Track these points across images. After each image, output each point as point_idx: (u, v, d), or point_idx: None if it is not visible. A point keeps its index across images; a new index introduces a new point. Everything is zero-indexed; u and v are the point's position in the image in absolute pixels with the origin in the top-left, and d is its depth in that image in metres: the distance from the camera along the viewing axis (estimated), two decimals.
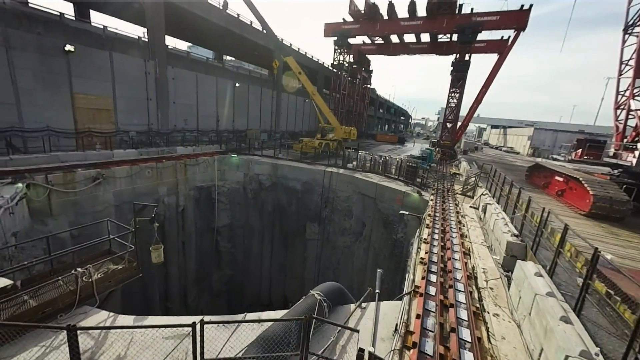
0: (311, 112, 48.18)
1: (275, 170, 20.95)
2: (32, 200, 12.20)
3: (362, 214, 18.14)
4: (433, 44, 40.03)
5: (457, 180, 19.49)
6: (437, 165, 25.38)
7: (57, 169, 13.59)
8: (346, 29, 39.11)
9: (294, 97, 42.49)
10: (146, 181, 16.87)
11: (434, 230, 9.48)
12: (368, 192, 17.45)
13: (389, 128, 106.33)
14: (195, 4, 23.33)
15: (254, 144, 25.99)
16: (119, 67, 19.43)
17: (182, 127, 25.01)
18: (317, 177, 19.80)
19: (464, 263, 7.21)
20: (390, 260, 15.75)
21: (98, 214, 14.68)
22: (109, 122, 19.60)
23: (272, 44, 33.05)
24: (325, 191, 19.56)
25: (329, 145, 24.56)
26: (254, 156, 22.56)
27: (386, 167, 19.12)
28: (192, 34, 30.03)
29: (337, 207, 19.30)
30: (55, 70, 16.68)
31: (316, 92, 26.85)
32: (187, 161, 19.25)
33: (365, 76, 51.17)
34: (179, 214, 19.22)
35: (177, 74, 23.64)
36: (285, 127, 41.53)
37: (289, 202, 21.00)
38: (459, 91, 33.22)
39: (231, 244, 22.63)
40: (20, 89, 15.59)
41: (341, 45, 40.34)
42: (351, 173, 19.07)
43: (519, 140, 53.62)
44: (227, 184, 21.77)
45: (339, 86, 43.57)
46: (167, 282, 19.34)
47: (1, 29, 14.71)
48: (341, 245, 19.44)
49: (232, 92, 29.98)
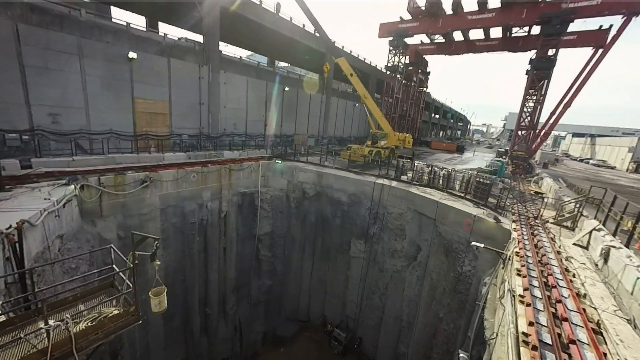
0: (361, 117, 46.14)
1: (320, 179, 19.45)
2: (85, 201, 12.54)
3: (418, 235, 15.53)
4: (505, 40, 34.87)
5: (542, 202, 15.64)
6: (511, 180, 21.25)
7: (109, 170, 13.94)
8: (403, 28, 36.32)
9: (343, 101, 40.99)
10: (191, 185, 16.75)
11: (531, 282, 6.80)
12: (426, 211, 14.83)
13: (445, 135, 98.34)
14: (249, 9, 23.31)
15: (300, 150, 25.01)
16: (175, 72, 20.03)
17: (231, 131, 25.17)
18: (365, 189, 17.74)
19: (601, 355, 4.57)
20: (452, 297, 12.94)
21: (144, 216, 14.80)
22: (164, 126, 20.29)
23: (323, 47, 32.06)
24: (374, 205, 17.40)
25: (380, 153, 22.30)
26: (299, 163, 21.44)
27: (449, 181, 16.21)
28: (245, 39, 30.52)
29: (387, 225, 16.96)
30: (119, 77, 17.62)
31: (368, 95, 24.83)
32: (232, 166, 18.86)
33: (421, 78, 47.35)
34: (221, 219, 18.89)
35: (229, 78, 23.82)
36: (333, 133, 40.18)
37: (333, 214, 19.29)
38: (539, 93, 27.99)
39: (271, 253, 21.73)
40: (89, 94, 16.70)
41: (397, 46, 37.61)
42: (406, 187, 16.59)
43: (615, 152, 44.13)
44: (270, 191, 20.97)
45: (391, 89, 40.74)
46: (207, 288, 19.08)
47: (76, 39, 15.88)
48: (390, 269, 17.01)
49: (281, 96, 29.59)
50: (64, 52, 15.52)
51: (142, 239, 4.46)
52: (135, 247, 4.33)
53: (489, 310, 8.40)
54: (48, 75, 15.25)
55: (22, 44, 14.29)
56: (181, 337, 18.58)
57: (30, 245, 8.28)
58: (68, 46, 15.60)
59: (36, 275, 8.32)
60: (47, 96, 15.30)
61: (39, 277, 8.48)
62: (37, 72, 14.86)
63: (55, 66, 15.35)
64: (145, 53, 18.40)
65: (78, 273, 11.35)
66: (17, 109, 14.68)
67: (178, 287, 17.45)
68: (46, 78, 15.20)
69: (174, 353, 18.16)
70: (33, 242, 8.44)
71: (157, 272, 4.70)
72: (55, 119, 15.85)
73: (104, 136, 17.40)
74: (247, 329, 22.41)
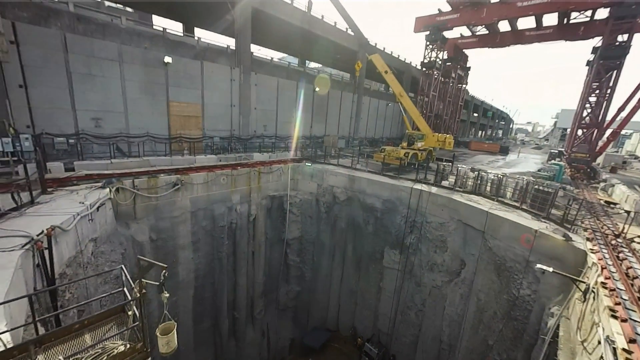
0: (394, 116, 44.15)
1: (352, 183, 18.37)
2: (120, 203, 12.75)
3: (462, 249, 13.84)
4: (562, 28, 31.07)
5: (619, 214, 13.16)
6: (572, 187, 18.46)
7: (143, 173, 14.12)
8: (442, 21, 33.89)
9: (375, 101, 39.39)
10: (221, 188, 16.60)
11: (635, 329, 5.20)
12: (472, 222, 13.13)
13: (484, 134, 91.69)
14: (281, 8, 22.95)
15: (330, 152, 24.12)
16: (208, 75, 20.17)
17: (262, 133, 25.00)
18: (401, 194, 16.34)
19: None
20: (505, 324, 11.18)
21: (175, 219, 14.83)
22: (197, 128, 20.53)
23: (355, 45, 30.90)
24: (411, 213, 15.95)
25: (416, 155, 20.63)
26: (329, 165, 20.55)
27: (499, 188, 14.27)
28: (276, 40, 30.36)
29: (426, 235, 15.43)
30: (155, 81, 18.03)
31: (404, 93, 23.20)
32: (261, 169, 18.49)
33: (460, 74, 44.17)
34: (250, 222, 18.60)
35: (260, 79, 23.64)
36: (365, 133, 38.77)
37: (365, 220, 18.11)
38: (606, 85, 24.28)
39: (300, 258, 21.08)
40: (128, 98, 17.25)
41: (434, 40, 35.23)
42: (448, 194, 14.94)
43: None
44: (299, 195, 20.33)
45: (427, 87, 38.32)
46: (236, 292, 18.90)
47: (117, 46, 16.46)
48: (429, 284, 15.45)
49: (311, 96, 28.96)
50: (106, 58, 16.13)
51: (149, 265, 3.83)
52: (142, 274, 3.70)
53: (565, 354, 6.81)
54: (91, 81, 15.93)
55: (69, 52, 15.03)
56: (210, 339, 18.57)
57: (63, 249, 8.28)
58: (110, 53, 16.20)
59: (66, 281, 8.31)
60: (90, 101, 15.99)
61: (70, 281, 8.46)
62: (82, 79, 15.56)
63: (98, 72, 16.00)
64: (179, 57, 18.69)
65: (111, 276, 11.52)
66: (64, 114, 15.49)
67: (207, 290, 17.41)
68: (90, 84, 15.89)
69: (203, 355, 18.18)
70: (65, 247, 8.45)
71: (166, 305, 4.05)
72: (98, 123, 16.54)
73: (141, 139, 17.91)
74: (275, 335, 21.99)
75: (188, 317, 16.87)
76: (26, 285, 6.56)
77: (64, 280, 8.20)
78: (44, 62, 14.43)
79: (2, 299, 5.06)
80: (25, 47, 13.87)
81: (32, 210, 8.89)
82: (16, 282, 5.75)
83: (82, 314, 9.58)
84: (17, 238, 7.03)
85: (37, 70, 14.28)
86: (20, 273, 6.28)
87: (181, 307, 16.35)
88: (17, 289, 5.84)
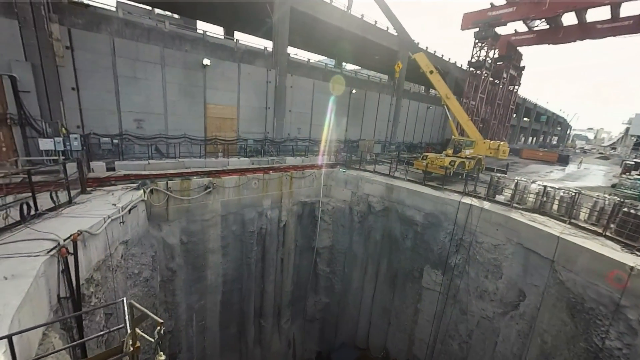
0: (434, 120, 41.39)
1: (390, 193, 16.90)
2: (153, 205, 12.74)
3: (522, 278, 11.74)
4: None
5: None
6: None
7: (178, 175, 14.09)
8: (494, 16, 30.85)
9: (415, 104, 37.12)
10: (252, 192, 16.15)
11: None
12: (538, 247, 11.03)
13: (536, 141, 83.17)
14: (319, 8, 22.24)
15: (365, 157, 22.80)
16: (244, 77, 20.05)
17: (295, 136, 24.46)
18: (447, 208, 14.54)
19: None
20: None
21: (206, 222, 14.61)
22: (231, 131, 20.50)
23: (395, 44, 29.23)
24: (458, 230, 14.09)
25: (464, 164, 18.50)
26: (365, 172, 19.26)
27: (572, 207, 11.91)
28: (314, 41, 29.77)
29: (475, 257, 13.48)
30: (194, 83, 18.24)
31: (451, 95, 21.10)
32: (294, 173, 17.79)
33: (512, 74, 40.03)
34: (280, 229, 17.97)
35: (295, 81, 23.11)
36: (402, 138, 36.68)
37: (403, 234, 16.52)
38: None
39: (330, 268, 20.00)
40: (168, 100, 17.60)
41: (484, 38, 32.17)
42: (504, 211, 12.88)
43: None
44: (332, 202, 19.29)
45: (474, 89, 35.14)
46: (263, 299, 18.37)
47: (160, 49, 16.85)
48: (477, 313, 13.45)
49: (347, 98, 27.86)
50: (149, 61, 16.59)
51: (143, 315, 3.02)
52: (135, 324, 2.89)
53: None
54: (136, 84, 16.46)
55: (117, 56, 15.63)
56: (236, 345, 18.21)
57: (91, 253, 8.10)
58: (153, 56, 16.64)
59: (94, 286, 8.13)
60: (133, 103, 16.51)
61: (97, 287, 8.28)
62: (127, 82, 16.11)
63: (141, 75, 16.49)
64: (218, 59, 18.74)
65: (140, 279, 11.44)
66: (110, 116, 16.14)
67: (235, 295, 17.06)
68: (134, 86, 16.41)
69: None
70: (94, 250, 8.28)
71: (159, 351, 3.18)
72: (140, 125, 17.05)
73: (178, 140, 18.20)
74: (301, 347, 21.12)
75: (215, 321, 16.62)
76: (49, 294, 6.31)
77: (90, 285, 8.02)
78: (94, 66, 15.11)
79: (13, 314, 4.70)
80: (78, 52, 14.61)
81: (68, 211, 8.89)
82: (33, 293, 5.41)
83: (109, 317, 9.45)
84: (45, 242, 6.86)
85: (87, 73, 14.98)
86: (42, 281, 6.00)
87: (209, 311, 16.14)
88: (35, 301, 5.51)
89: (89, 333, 7.99)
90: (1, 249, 6.52)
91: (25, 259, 6.18)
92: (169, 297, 13.70)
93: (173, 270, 13.55)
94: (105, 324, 9.05)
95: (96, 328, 8.28)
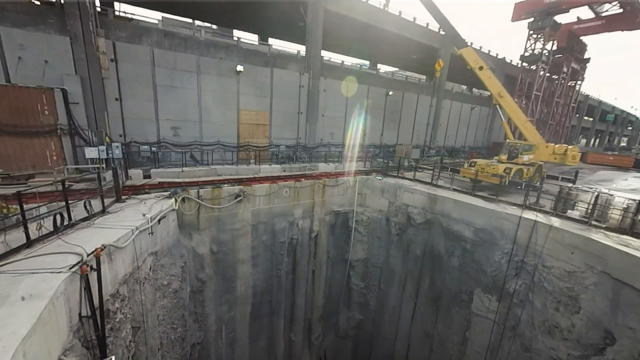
0: (479, 122, 37.95)
1: (433, 204, 15.15)
2: (185, 213, 12.57)
3: (610, 316, 9.41)
4: None
5: None
6: None
7: (209, 183, 13.88)
8: (552, 3, 27.35)
9: (458, 104, 34.26)
10: (283, 201, 15.47)
11: None
12: (633, 280, 8.72)
13: (601, 143, 73.23)
14: (355, 8, 21.24)
15: (403, 163, 21.08)
16: (277, 82, 19.71)
17: (328, 141, 23.57)
18: (503, 224, 12.48)
19: None
20: None
21: (236, 231, 14.18)
22: (264, 137, 20.20)
23: (436, 42, 27.16)
24: (518, 250, 11.97)
25: (521, 172, 16.07)
26: (403, 180, 17.66)
27: None
28: (348, 43, 28.80)
29: (542, 284, 11.27)
30: (228, 90, 18.24)
31: (505, 92, 18.62)
32: (326, 181, 16.82)
33: (575, 68, 35.28)
34: (311, 239, 17.07)
35: (329, 85, 22.28)
36: (443, 142, 34.00)
37: (449, 251, 14.64)
38: None
39: (364, 283, 18.61)
40: (202, 108, 17.76)
41: (541, 28, 28.67)
42: (581, 230, 10.59)
43: None
44: (367, 212, 17.96)
45: (528, 86, 31.45)
46: (293, 313, 17.56)
47: (196, 57, 17.07)
48: (544, 352, 11.18)
49: (383, 101, 26.37)
50: (186, 70, 16.87)
51: None
52: None
53: None
54: (173, 92, 16.80)
55: (156, 66, 16.07)
56: (266, 359, 17.58)
57: (117, 267, 7.81)
58: (189, 64, 16.91)
59: (119, 301, 7.83)
60: (170, 111, 16.86)
61: (123, 301, 7.98)
62: (165, 90, 16.49)
63: (178, 84, 16.81)
64: (251, 65, 18.59)
65: (169, 290, 11.20)
66: (149, 124, 16.62)
67: (265, 308, 16.44)
68: (171, 95, 16.77)
69: None
70: (121, 264, 7.99)
71: None
72: (176, 132, 17.38)
73: (212, 147, 18.26)
74: None
75: (244, 333, 16.13)
76: (69, 313, 5.96)
77: (116, 301, 7.72)
78: (135, 77, 15.64)
79: (17, 346, 4.24)
80: (122, 64, 15.22)
81: (100, 221, 8.78)
82: (46, 317, 5.03)
83: (136, 331, 9.19)
84: (71, 256, 6.61)
85: (129, 84, 15.54)
86: (61, 301, 5.63)
87: (238, 322, 15.69)
88: (49, 325, 5.13)
89: (114, 350, 7.71)
90: (29, 262, 6.35)
91: (48, 276, 5.87)
92: (198, 308, 13.42)
93: (203, 280, 13.26)
94: (132, 338, 8.81)
95: (121, 344, 8.00)
